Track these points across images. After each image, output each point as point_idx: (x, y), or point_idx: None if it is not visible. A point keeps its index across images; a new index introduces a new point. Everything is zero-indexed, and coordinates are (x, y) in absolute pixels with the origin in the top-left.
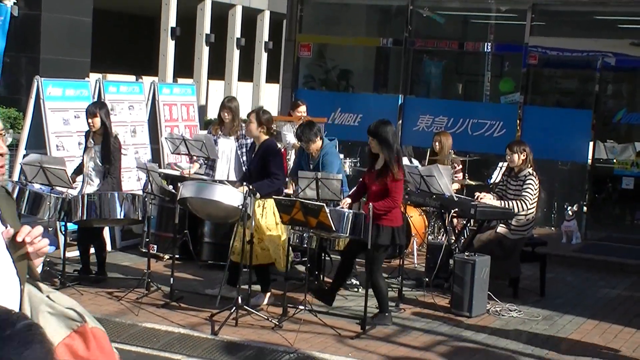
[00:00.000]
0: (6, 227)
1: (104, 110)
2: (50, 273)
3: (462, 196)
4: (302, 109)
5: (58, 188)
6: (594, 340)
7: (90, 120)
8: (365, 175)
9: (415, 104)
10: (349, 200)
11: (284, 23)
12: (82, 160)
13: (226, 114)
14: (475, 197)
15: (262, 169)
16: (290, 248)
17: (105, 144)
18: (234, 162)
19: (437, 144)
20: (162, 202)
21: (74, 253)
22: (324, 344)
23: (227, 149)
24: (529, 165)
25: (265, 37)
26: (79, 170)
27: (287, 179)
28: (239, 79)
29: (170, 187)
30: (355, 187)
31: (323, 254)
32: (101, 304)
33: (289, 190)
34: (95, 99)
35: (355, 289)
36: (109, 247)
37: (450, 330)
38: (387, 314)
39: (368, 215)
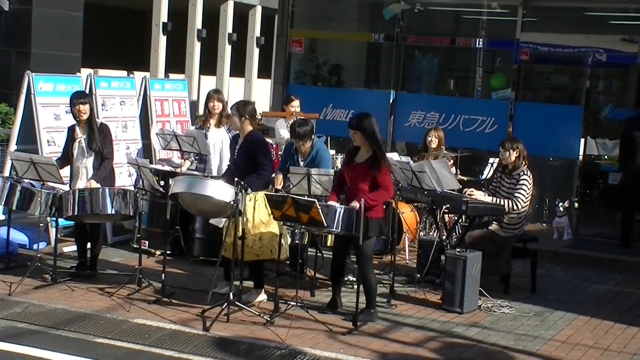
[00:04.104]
0: None
1: (89, 98)
2: (42, 269)
3: (454, 192)
4: (296, 103)
5: (49, 184)
6: (585, 336)
7: (82, 107)
8: (345, 170)
9: (407, 99)
10: (334, 202)
11: (275, 18)
12: (67, 154)
13: (215, 105)
14: (464, 193)
15: (249, 162)
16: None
17: (92, 130)
18: (227, 153)
19: (434, 139)
20: (154, 197)
21: (70, 248)
22: (316, 339)
23: (217, 141)
24: (523, 163)
25: (257, 33)
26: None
27: (273, 175)
28: (231, 75)
29: (162, 183)
30: (335, 183)
31: (316, 250)
32: (92, 300)
33: (278, 186)
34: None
35: (350, 285)
36: None
37: (442, 326)
38: (373, 310)
39: (360, 210)
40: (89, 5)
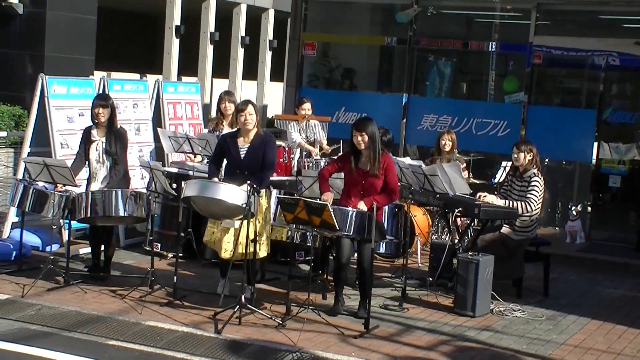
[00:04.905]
0: None
1: (112, 102)
2: (54, 271)
3: (466, 195)
4: (307, 106)
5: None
6: (597, 341)
7: (101, 110)
8: (349, 178)
9: (419, 103)
10: (330, 195)
11: (288, 22)
12: (81, 157)
13: (227, 106)
14: (478, 197)
15: (259, 161)
16: (290, 246)
17: (110, 134)
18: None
19: (447, 142)
20: (166, 200)
21: (85, 250)
22: (327, 343)
23: None
24: (535, 166)
25: (270, 36)
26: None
27: None
28: (243, 78)
29: (174, 185)
30: (322, 181)
31: (327, 253)
32: (104, 302)
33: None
34: None
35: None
36: None
37: (454, 330)
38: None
39: (372, 213)
40: (102, 9)
